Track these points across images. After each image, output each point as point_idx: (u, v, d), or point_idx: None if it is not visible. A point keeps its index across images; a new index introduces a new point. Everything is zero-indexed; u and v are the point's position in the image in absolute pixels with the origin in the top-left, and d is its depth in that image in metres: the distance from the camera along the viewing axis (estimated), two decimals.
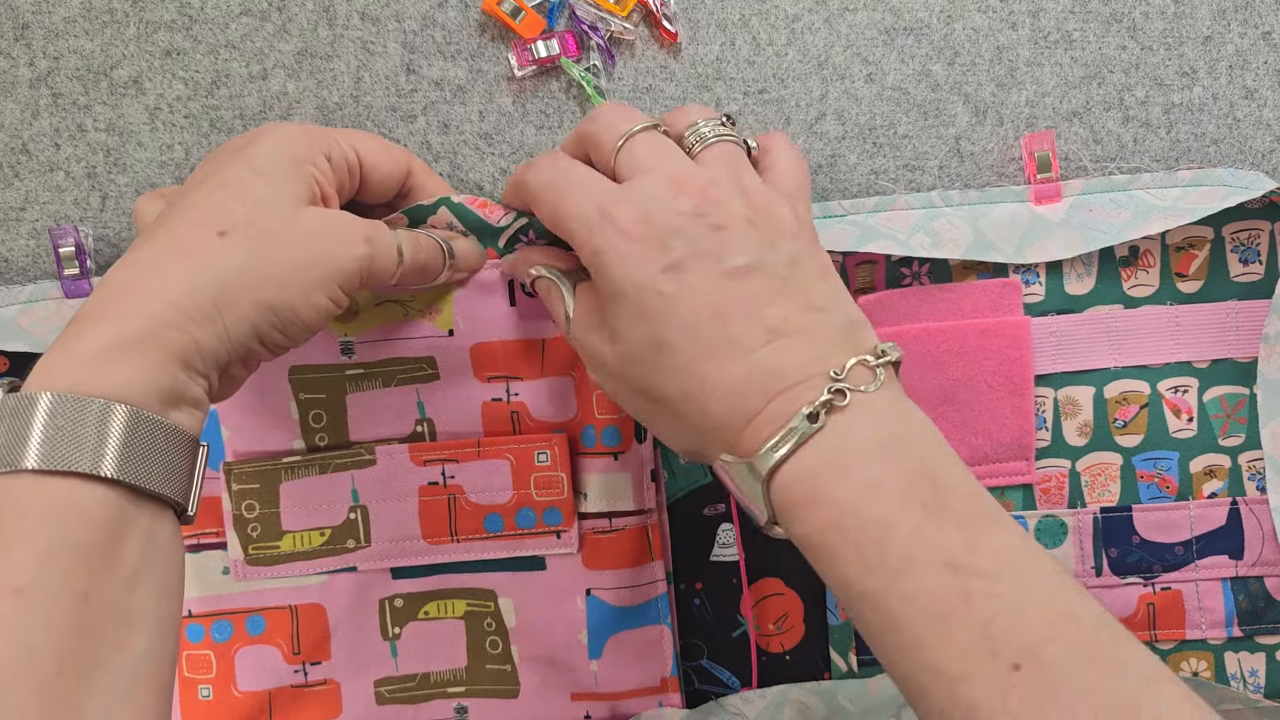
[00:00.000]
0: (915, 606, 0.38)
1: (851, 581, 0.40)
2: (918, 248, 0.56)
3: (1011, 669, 0.36)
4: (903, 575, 0.39)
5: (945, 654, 0.37)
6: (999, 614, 0.37)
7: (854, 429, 0.42)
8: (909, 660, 0.39)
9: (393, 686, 0.57)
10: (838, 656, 0.59)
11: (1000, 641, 0.37)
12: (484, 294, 0.55)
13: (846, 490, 0.41)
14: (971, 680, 0.37)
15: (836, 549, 0.40)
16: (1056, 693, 0.36)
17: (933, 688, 0.38)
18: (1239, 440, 0.58)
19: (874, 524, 0.40)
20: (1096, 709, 0.35)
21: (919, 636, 0.38)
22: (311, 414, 0.56)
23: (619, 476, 0.56)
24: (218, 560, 0.57)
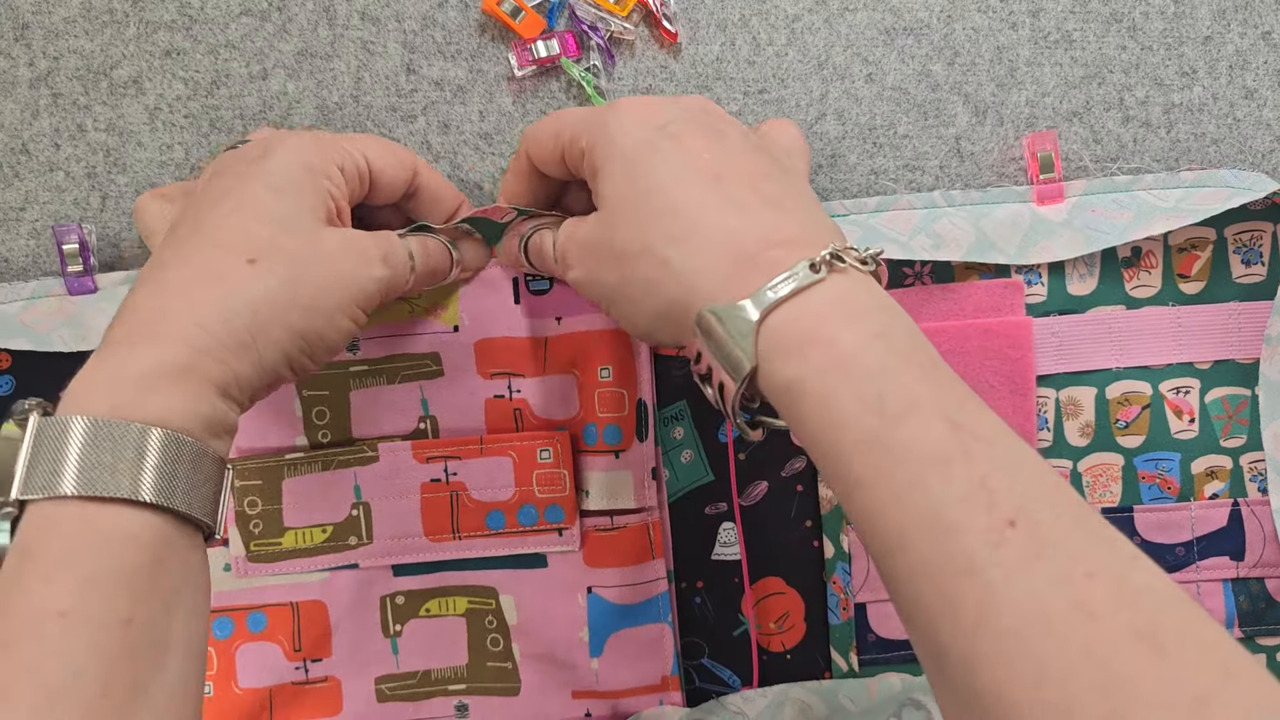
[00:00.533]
0: (916, 450, 0.37)
1: (849, 423, 0.39)
2: (919, 250, 0.56)
3: (1007, 524, 0.36)
4: (904, 420, 0.38)
5: (945, 499, 0.37)
6: (996, 472, 0.37)
7: (855, 288, 0.42)
8: (902, 507, 0.37)
9: (393, 684, 0.57)
10: (838, 656, 0.59)
11: (997, 497, 0.36)
12: (489, 291, 0.55)
13: (852, 334, 0.40)
14: (967, 531, 0.36)
15: (834, 390, 0.39)
16: (1049, 551, 0.35)
17: (923, 538, 0.37)
18: (1240, 441, 0.58)
19: (878, 370, 0.39)
20: (1088, 571, 0.35)
21: (919, 477, 0.37)
22: (315, 411, 0.56)
23: (620, 474, 0.56)
24: (219, 557, 0.57)
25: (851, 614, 0.59)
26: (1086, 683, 0.33)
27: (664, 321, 0.45)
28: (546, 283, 0.56)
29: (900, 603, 0.39)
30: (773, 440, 0.59)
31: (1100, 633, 0.34)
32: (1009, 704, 0.34)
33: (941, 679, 0.38)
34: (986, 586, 0.35)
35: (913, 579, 0.37)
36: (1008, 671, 0.35)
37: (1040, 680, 0.34)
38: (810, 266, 0.41)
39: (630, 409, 0.56)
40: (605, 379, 0.56)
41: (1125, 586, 0.35)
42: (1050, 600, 0.34)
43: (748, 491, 0.59)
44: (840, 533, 0.58)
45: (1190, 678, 0.33)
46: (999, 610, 0.35)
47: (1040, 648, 0.34)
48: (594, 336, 0.56)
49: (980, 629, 0.35)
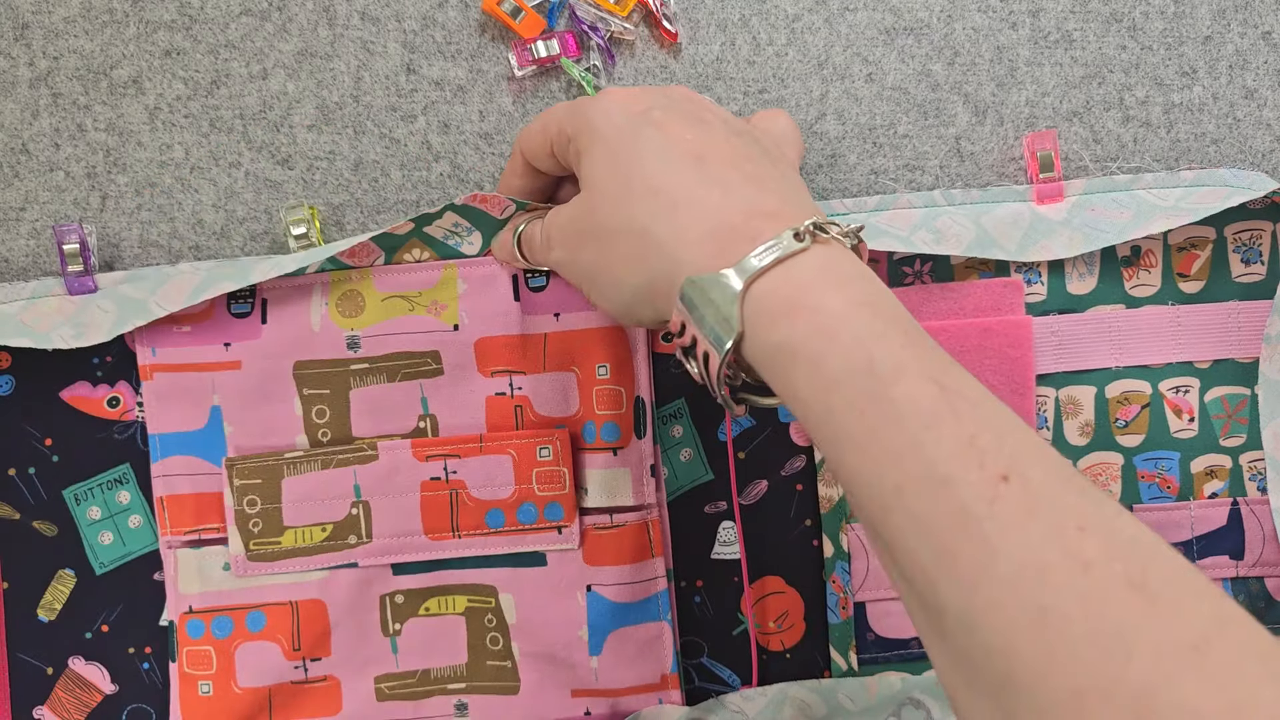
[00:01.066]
0: (909, 408, 0.38)
1: (841, 384, 0.39)
2: (920, 244, 0.56)
3: (1000, 479, 0.36)
4: (895, 381, 0.38)
5: (938, 455, 0.37)
6: (983, 432, 0.37)
7: (838, 257, 0.42)
8: (897, 465, 0.38)
9: (393, 683, 0.57)
10: (838, 655, 0.59)
11: (987, 454, 0.37)
12: (489, 289, 0.56)
13: (838, 300, 0.40)
14: (960, 484, 0.36)
15: (823, 353, 0.40)
16: (1041, 505, 0.36)
17: (918, 494, 0.37)
18: (1240, 441, 0.58)
19: (866, 334, 0.39)
20: (1080, 525, 0.35)
21: (913, 437, 0.38)
22: (314, 409, 0.56)
23: (619, 472, 0.56)
24: (219, 556, 0.57)
25: (851, 613, 0.59)
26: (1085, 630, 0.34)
27: (646, 295, 0.46)
28: (544, 279, 0.56)
29: (897, 563, 0.39)
30: (773, 440, 0.59)
31: (1095, 582, 0.34)
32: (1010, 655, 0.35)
33: (940, 640, 0.38)
34: (983, 539, 0.36)
35: (909, 536, 0.38)
36: (1007, 622, 0.35)
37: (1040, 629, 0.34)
38: (794, 236, 0.42)
39: (628, 406, 0.56)
40: (603, 376, 0.56)
41: (1116, 539, 0.35)
42: (1045, 551, 0.35)
43: (747, 490, 0.59)
44: (840, 532, 0.58)
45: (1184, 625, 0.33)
46: (996, 562, 0.35)
47: (1039, 597, 0.35)
48: (592, 334, 0.56)
49: (979, 581, 0.36)
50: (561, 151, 0.50)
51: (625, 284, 0.46)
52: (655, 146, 0.45)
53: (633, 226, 0.45)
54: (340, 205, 0.59)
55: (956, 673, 0.38)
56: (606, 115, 0.47)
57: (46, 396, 0.58)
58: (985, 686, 0.36)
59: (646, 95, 0.48)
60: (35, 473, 0.58)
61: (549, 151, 0.50)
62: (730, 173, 0.45)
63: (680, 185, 0.44)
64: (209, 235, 0.59)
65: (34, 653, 0.58)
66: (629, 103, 0.47)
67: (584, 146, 0.47)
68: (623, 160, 0.46)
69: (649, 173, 0.45)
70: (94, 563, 0.58)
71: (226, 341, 0.56)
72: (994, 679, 0.36)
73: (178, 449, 0.57)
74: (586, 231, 0.47)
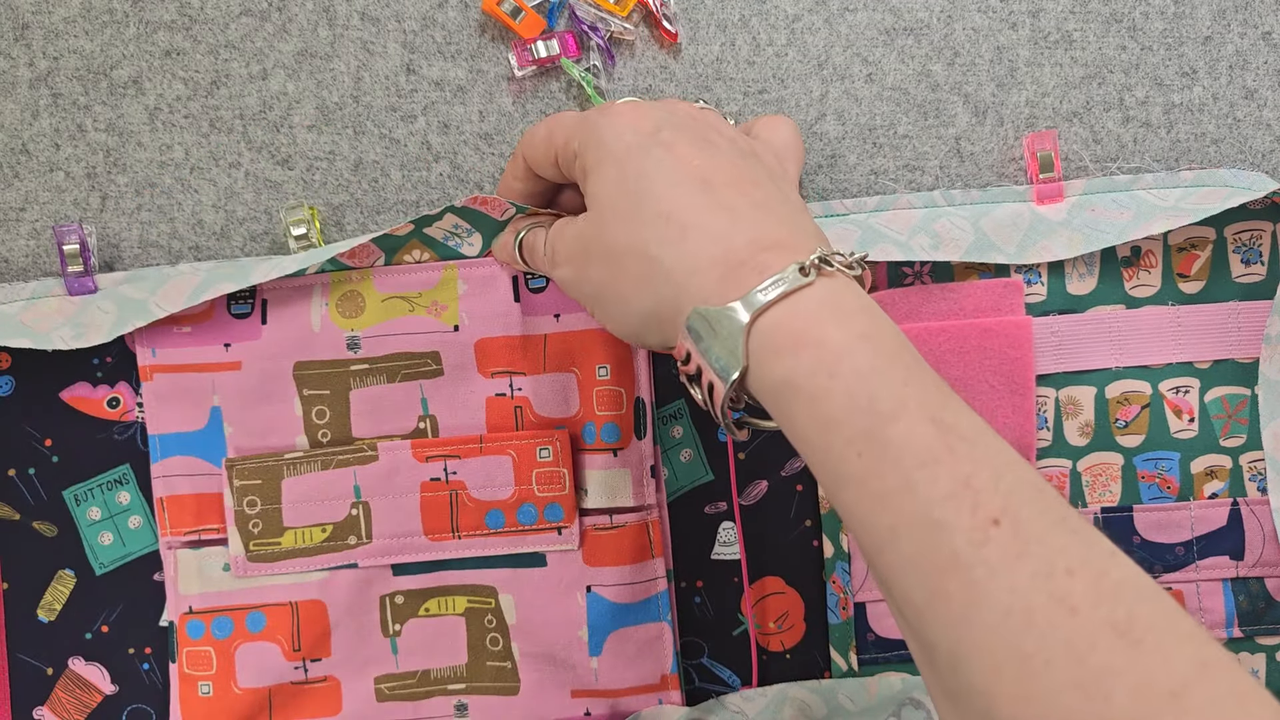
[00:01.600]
0: (906, 450, 0.38)
1: (840, 422, 0.39)
2: (919, 250, 0.56)
3: (991, 522, 0.37)
4: (894, 420, 0.39)
5: (931, 498, 0.37)
6: (978, 472, 0.38)
7: (842, 290, 0.42)
8: (891, 506, 0.38)
9: (393, 683, 0.57)
10: (838, 655, 0.59)
11: (981, 496, 0.37)
12: (489, 289, 0.56)
13: (841, 335, 0.41)
14: (953, 529, 0.37)
15: (824, 391, 0.40)
16: (1031, 549, 0.36)
17: (911, 536, 0.38)
18: (1240, 441, 0.58)
19: (867, 370, 0.40)
20: (1069, 567, 0.36)
21: (908, 480, 0.38)
22: (314, 410, 0.56)
23: (618, 473, 0.56)
24: (219, 557, 0.57)
25: (851, 613, 0.59)
26: (1067, 676, 0.34)
27: (652, 321, 0.46)
28: (544, 280, 0.56)
29: (892, 598, 0.40)
30: (772, 440, 0.59)
31: (1080, 627, 0.35)
32: (994, 696, 0.36)
33: (932, 673, 0.39)
34: (972, 584, 0.36)
35: (902, 575, 0.38)
36: (992, 664, 0.36)
37: (1022, 672, 0.35)
38: (799, 270, 0.42)
39: (628, 407, 0.56)
40: (603, 377, 0.56)
41: (1104, 582, 0.36)
42: (1032, 596, 0.35)
43: (747, 491, 0.59)
44: (840, 532, 0.58)
45: (1166, 670, 0.34)
46: (983, 605, 0.36)
47: (1022, 641, 0.35)
48: (592, 335, 0.56)
49: (966, 623, 0.36)
50: (567, 164, 0.50)
51: (632, 308, 0.47)
52: (665, 168, 0.45)
53: (641, 250, 0.45)
54: (340, 205, 0.59)
55: (946, 703, 0.39)
56: (616, 133, 0.47)
57: (46, 397, 0.58)
58: None
59: (655, 112, 0.48)
60: (35, 473, 0.58)
61: (553, 161, 0.50)
62: (736, 198, 0.45)
63: (689, 210, 0.44)
64: (209, 236, 0.59)
65: (34, 653, 0.58)
66: (638, 121, 0.47)
67: (591, 164, 0.47)
68: (631, 180, 0.46)
69: (658, 195, 0.45)
70: (94, 563, 0.58)
71: (226, 342, 0.56)
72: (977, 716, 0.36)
73: (178, 449, 0.57)
74: (594, 251, 0.47)
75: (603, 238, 0.47)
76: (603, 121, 0.47)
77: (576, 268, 0.49)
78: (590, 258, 0.48)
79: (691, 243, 0.44)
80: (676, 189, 0.45)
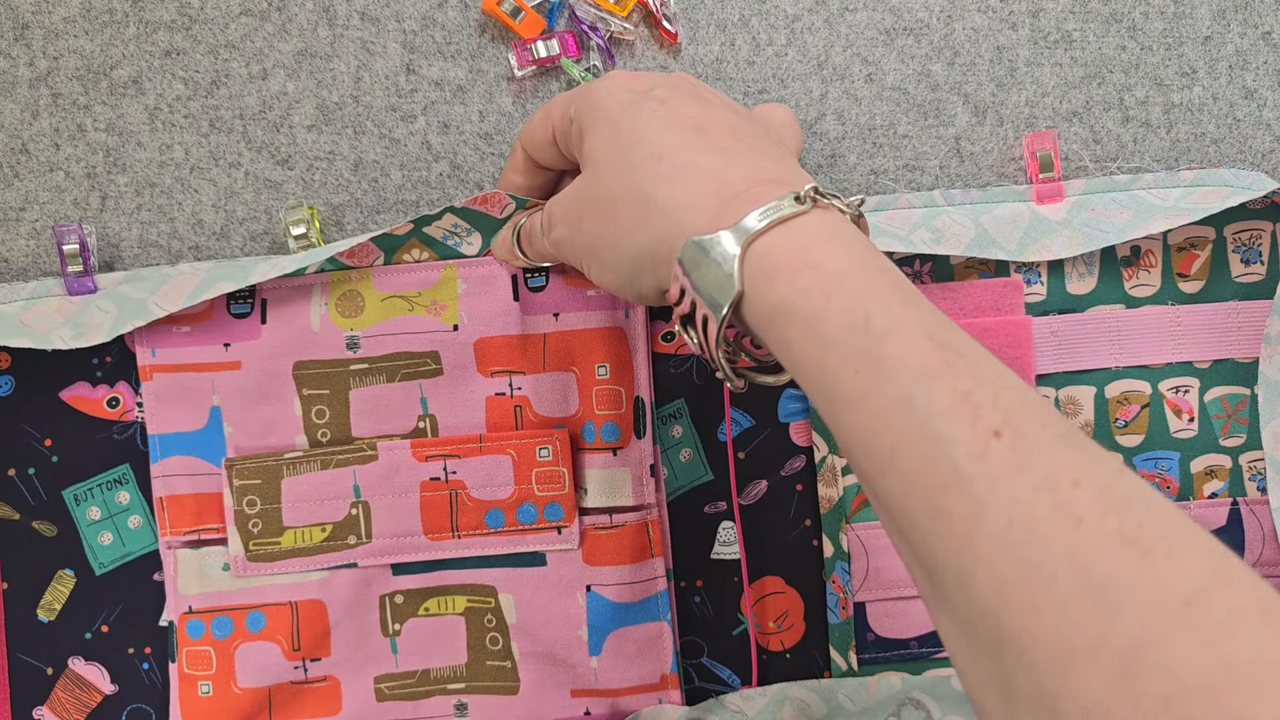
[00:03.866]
0: (904, 365, 0.37)
1: (836, 341, 0.39)
2: (920, 244, 0.56)
3: (992, 434, 0.36)
4: (889, 337, 0.38)
5: (930, 412, 0.37)
6: (978, 388, 0.37)
7: (838, 221, 0.42)
8: (889, 423, 0.37)
9: (393, 683, 0.57)
10: (838, 655, 0.59)
11: (981, 410, 0.36)
12: (488, 289, 0.56)
13: (837, 259, 0.40)
14: (952, 442, 0.36)
15: (820, 312, 0.39)
16: (1033, 461, 0.35)
17: (911, 452, 0.37)
18: (1240, 441, 0.58)
19: (864, 291, 0.39)
20: (1074, 479, 0.35)
21: (905, 392, 0.37)
22: (314, 410, 0.56)
23: (618, 472, 0.56)
24: (218, 557, 0.57)
25: (851, 613, 0.59)
26: (1073, 586, 0.33)
27: (646, 263, 0.45)
28: (543, 279, 0.56)
29: (895, 526, 0.39)
30: (772, 440, 0.59)
31: (1086, 537, 0.33)
32: (1001, 612, 0.34)
33: (940, 603, 0.38)
34: (973, 497, 0.35)
35: (904, 495, 0.37)
36: (997, 579, 0.34)
37: (1028, 585, 0.34)
38: (795, 199, 0.42)
39: (628, 406, 0.56)
40: (602, 377, 0.56)
41: (1112, 494, 0.34)
42: (1036, 506, 0.34)
43: (747, 490, 0.59)
44: (839, 532, 0.58)
45: (1178, 579, 0.32)
46: (986, 518, 0.35)
47: (1027, 553, 0.34)
48: (591, 334, 0.56)
49: (969, 539, 0.35)
50: (564, 137, 0.50)
51: (626, 253, 0.46)
52: (658, 119, 0.45)
53: (634, 193, 0.45)
54: (340, 205, 0.59)
55: (957, 634, 0.37)
56: (609, 92, 0.47)
57: (46, 397, 0.58)
58: (983, 647, 0.36)
59: (649, 76, 0.48)
60: (35, 473, 0.58)
61: (550, 140, 0.50)
62: (733, 143, 0.45)
63: (682, 151, 0.44)
64: (209, 235, 0.59)
65: (34, 653, 0.58)
66: (631, 82, 0.47)
67: (587, 125, 0.47)
68: (624, 132, 0.46)
69: (651, 141, 0.45)
70: (94, 563, 0.58)
71: (226, 342, 0.56)
72: (990, 639, 0.35)
73: (177, 449, 0.57)
74: (588, 204, 0.47)
75: (597, 190, 0.46)
76: (596, 86, 0.48)
77: (571, 225, 0.48)
78: (585, 212, 0.47)
79: (685, 179, 0.44)
80: (669, 134, 0.45)
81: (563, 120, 0.49)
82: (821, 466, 0.58)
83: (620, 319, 0.56)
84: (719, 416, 0.59)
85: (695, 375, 0.58)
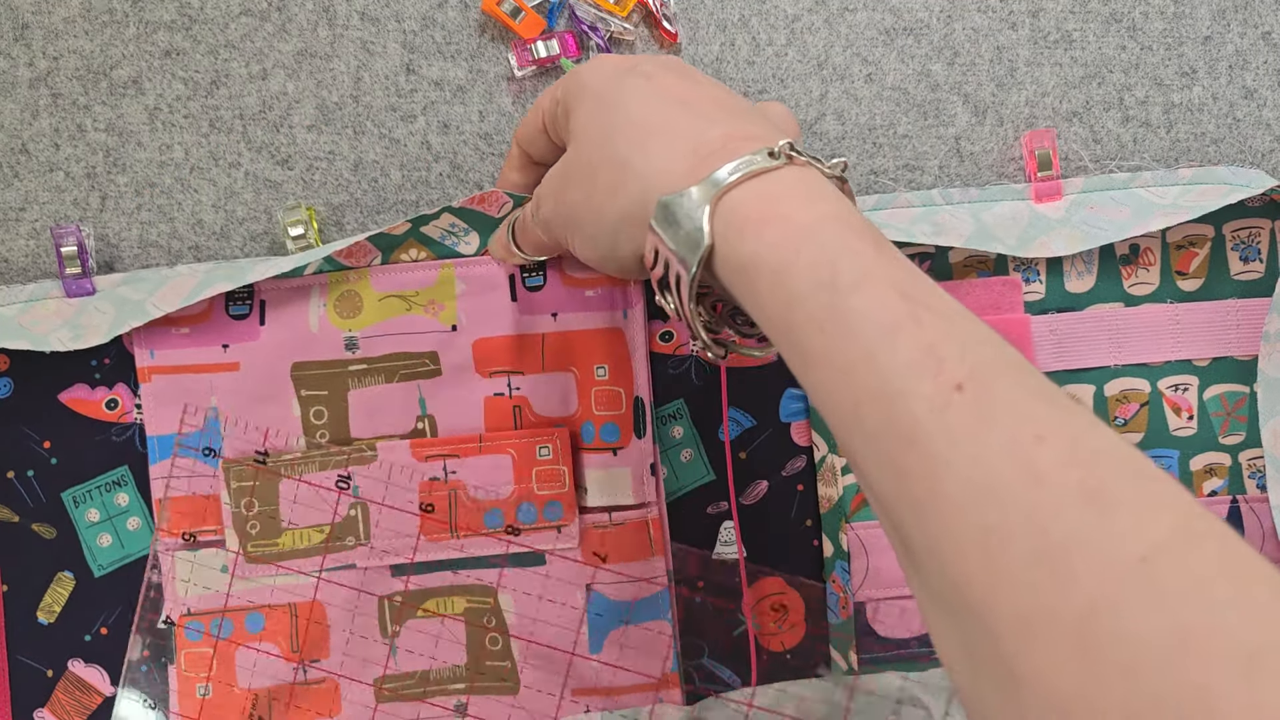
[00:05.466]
0: (866, 319, 0.36)
1: (803, 298, 0.38)
2: (920, 235, 0.56)
3: (954, 388, 0.34)
4: (856, 291, 0.37)
5: (892, 367, 0.35)
6: (946, 341, 0.35)
7: (811, 177, 0.41)
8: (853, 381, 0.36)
9: (392, 684, 0.57)
10: (838, 655, 0.58)
11: (946, 364, 0.34)
12: (486, 289, 0.56)
13: (807, 214, 0.39)
14: (913, 397, 0.34)
15: (788, 265, 0.38)
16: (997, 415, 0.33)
17: (872, 410, 0.35)
18: (1239, 438, 0.58)
19: (831, 245, 0.38)
20: (1039, 434, 0.33)
21: (868, 350, 0.36)
22: (313, 410, 0.56)
23: (618, 471, 0.56)
24: (217, 558, 0.57)
25: (851, 613, 0.58)
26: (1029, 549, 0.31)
27: (624, 227, 0.45)
28: (541, 278, 0.56)
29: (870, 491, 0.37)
30: (773, 440, 0.59)
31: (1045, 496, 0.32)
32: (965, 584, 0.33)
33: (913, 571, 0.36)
34: (932, 455, 0.34)
35: (869, 459, 0.36)
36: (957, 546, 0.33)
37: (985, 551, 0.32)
38: (769, 154, 0.41)
39: (627, 407, 0.56)
40: (602, 377, 0.56)
41: (1079, 448, 0.32)
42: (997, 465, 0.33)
43: (747, 491, 0.59)
44: (840, 532, 0.58)
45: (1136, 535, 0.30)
46: (945, 478, 0.33)
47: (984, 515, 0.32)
48: (590, 335, 0.56)
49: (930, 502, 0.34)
50: (552, 121, 0.50)
51: (606, 218, 0.45)
52: (641, 92, 0.45)
53: (613, 159, 0.44)
54: (340, 205, 0.59)
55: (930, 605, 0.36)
56: (595, 71, 0.47)
57: (45, 399, 0.57)
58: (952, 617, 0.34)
59: (637, 56, 0.48)
60: (34, 475, 0.58)
61: (541, 128, 0.50)
62: (715, 110, 0.44)
63: (663, 118, 0.44)
64: (208, 236, 0.59)
65: (34, 655, 0.58)
66: (619, 61, 0.47)
67: (573, 103, 0.47)
68: (608, 104, 0.45)
69: (632, 110, 0.45)
70: (93, 565, 0.58)
71: (225, 343, 0.56)
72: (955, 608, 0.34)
73: (176, 451, 0.56)
74: (570, 175, 0.47)
75: (579, 160, 0.46)
76: (583, 66, 0.48)
77: (555, 198, 0.48)
78: (567, 183, 0.47)
79: (662, 142, 0.43)
80: (651, 104, 0.45)
81: (551, 105, 0.49)
82: (821, 466, 0.58)
83: (619, 320, 0.56)
84: (719, 417, 0.59)
85: (694, 376, 0.58)
